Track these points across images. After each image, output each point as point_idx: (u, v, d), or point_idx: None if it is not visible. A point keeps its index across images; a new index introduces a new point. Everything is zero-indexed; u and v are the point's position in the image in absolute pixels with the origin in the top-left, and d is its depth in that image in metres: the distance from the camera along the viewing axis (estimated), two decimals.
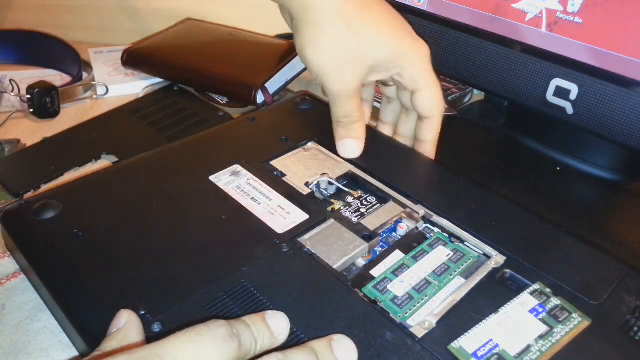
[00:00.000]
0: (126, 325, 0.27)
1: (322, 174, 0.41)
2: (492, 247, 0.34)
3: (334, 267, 0.33)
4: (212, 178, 0.40)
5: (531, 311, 0.30)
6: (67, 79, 0.63)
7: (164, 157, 0.42)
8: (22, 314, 0.34)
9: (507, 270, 0.33)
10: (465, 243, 0.36)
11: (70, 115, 0.56)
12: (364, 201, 0.39)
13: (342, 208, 0.38)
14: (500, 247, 0.34)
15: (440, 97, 0.42)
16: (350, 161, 0.42)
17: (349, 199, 0.39)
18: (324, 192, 0.40)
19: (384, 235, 0.37)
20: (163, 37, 0.64)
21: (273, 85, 0.57)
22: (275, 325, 0.27)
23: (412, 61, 0.41)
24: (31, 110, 0.53)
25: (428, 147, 0.44)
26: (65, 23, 0.75)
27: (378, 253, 0.35)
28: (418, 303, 0.31)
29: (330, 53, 0.39)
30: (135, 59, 0.61)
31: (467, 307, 0.31)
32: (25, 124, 0.54)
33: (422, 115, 0.43)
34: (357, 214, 0.38)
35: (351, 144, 0.42)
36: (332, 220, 0.37)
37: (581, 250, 0.34)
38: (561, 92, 0.42)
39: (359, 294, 0.31)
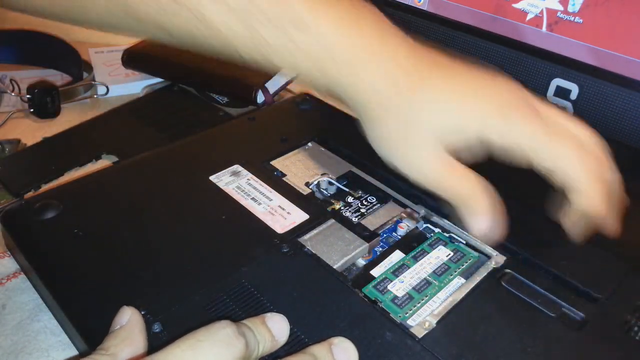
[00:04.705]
0: (129, 323, 0.26)
1: (322, 174, 0.41)
2: (492, 247, 0.34)
3: (334, 267, 0.33)
4: (212, 178, 0.40)
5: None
6: (67, 78, 0.62)
7: (164, 157, 0.42)
8: (22, 314, 0.33)
9: (508, 270, 0.33)
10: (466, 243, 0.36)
11: (70, 115, 0.56)
12: (364, 201, 0.39)
13: (342, 208, 0.38)
14: (500, 247, 0.34)
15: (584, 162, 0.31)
16: (350, 161, 0.42)
17: (349, 199, 0.39)
18: (324, 192, 0.40)
19: (384, 235, 0.37)
20: None
21: (273, 85, 0.57)
22: (275, 327, 0.27)
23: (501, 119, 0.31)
24: (31, 110, 0.53)
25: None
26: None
27: (378, 253, 0.35)
28: (418, 303, 0.31)
29: (395, 142, 0.32)
30: (136, 59, 0.61)
31: (467, 307, 0.31)
32: (26, 123, 0.54)
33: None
34: (357, 214, 0.38)
35: (476, 223, 0.32)
36: (332, 220, 0.36)
37: (582, 249, 0.34)
38: (561, 92, 0.42)
39: (359, 294, 0.31)
